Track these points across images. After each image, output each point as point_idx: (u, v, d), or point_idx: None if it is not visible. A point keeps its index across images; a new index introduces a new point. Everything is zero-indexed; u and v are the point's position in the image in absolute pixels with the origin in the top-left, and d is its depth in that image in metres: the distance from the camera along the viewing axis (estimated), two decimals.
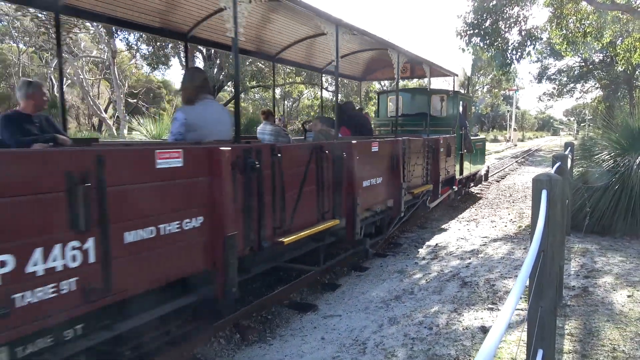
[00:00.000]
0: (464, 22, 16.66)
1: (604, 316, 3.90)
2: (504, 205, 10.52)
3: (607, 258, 5.56)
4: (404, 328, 4.07)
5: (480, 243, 6.97)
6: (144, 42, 22.18)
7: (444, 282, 5.25)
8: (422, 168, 7.75)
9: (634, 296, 4.31)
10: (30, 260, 2.29)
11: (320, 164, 4.83)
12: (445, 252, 6.65)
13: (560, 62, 36.52)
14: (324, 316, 4.62)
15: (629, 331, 3.60)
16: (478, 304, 4.43)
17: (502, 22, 16.02)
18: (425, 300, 4.74)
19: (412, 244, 7.37)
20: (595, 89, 38.64)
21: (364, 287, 5.44)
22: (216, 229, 3.37)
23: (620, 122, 7.61)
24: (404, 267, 6.09)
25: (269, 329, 4.40)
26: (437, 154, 8.17)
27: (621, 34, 18.20)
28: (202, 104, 4.15)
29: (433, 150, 8.04)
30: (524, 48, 17.23)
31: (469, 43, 16.95)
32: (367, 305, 4.78)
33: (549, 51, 32.07)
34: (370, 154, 5.83)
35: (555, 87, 40.82)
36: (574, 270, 5.15)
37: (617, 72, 30.19)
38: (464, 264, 5.87)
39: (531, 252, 1.81)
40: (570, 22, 16.50)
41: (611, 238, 6.46)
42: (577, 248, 6.04)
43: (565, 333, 3.60)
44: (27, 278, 2.28)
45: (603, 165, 7.02)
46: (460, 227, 8.37)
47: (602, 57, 32.03)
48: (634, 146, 6.97)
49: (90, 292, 2.55)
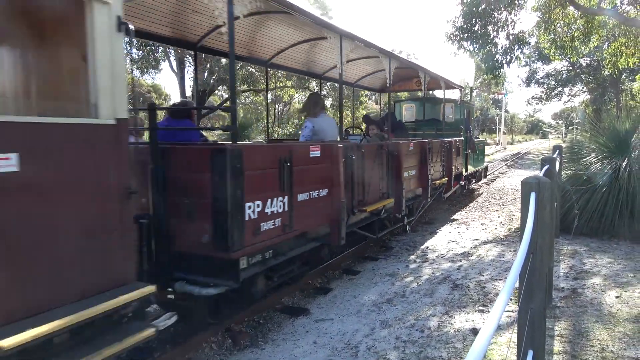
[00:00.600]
0: (454, 27, 16.79)
1: (593, 317, 3.94)
2: (494, 207, 10.61)
3: (596, 259, 5.62)
4: (395, 331, 4.08)
5: (470, 246, 7.02)
6: (134, 46, 22.02)
7: (435, 284, 5.28)
8: (440, 164, 9.31)
9: (622, 297, 4.37)
10: (266, 205, 4.04)
11: (381, 158, 6.62)
12: (436, 255, 6.69)
13: (549, 66, 36.99)
14: (316, 320, 4.62)
15: (617, 331, 3.64)
16: (469, 306, 4.46)
17: (491, 27, 16.17)
18: (416, 303, 4.76)
19: (403, 247, 7.40)
20: (583, 93, 39.16)
21: (355, 290, 5.45)
22: (334, 197, 5.11)
23: (608, 126, 7.71)
24: (396, 270, 6.11)
25: (261, 334, 4.39)
26: (450, 153, 9.76)
27: (608, 38, 18.46)
28: (322, 116, 5.96)
29: (447, 150, 9.62)
30: (512, 52, 17.40)
31: (459, 47, 17.09)
32: (359, 309, 4.79)
33: (537, 55, 32.43)
34: (409, 151, 7.53)
35: (543, 91, 41.32)
36: (564, 272, 5.20)
37: (604, 76, 30.65)
38: (455, 267, 5.91)
39: (520, 254, 1.83)
40: (558, 26, 16.71)
41: (599, 240, 6.54)
42: (567, 250, 6.11)
43: (555, 334, 3.64)
44: (265, 215, 4.02)
45: (591, 168, 7.11)
46: (451, 230, 8.41)
47: (590, 61, 32.49)
48: (620, 149, 7.07)
49: (285, 227, 4.31)
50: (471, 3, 15.58)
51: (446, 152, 9.54)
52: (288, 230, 4.37)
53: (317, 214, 4.90)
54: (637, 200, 6.41)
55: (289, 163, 4.30)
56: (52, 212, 2.53)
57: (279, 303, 5.05)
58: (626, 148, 7.06)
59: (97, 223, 2.75)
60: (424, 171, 8.15)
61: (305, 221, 4.69)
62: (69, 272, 2.60)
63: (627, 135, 7.22)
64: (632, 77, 28.29)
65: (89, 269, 2.70)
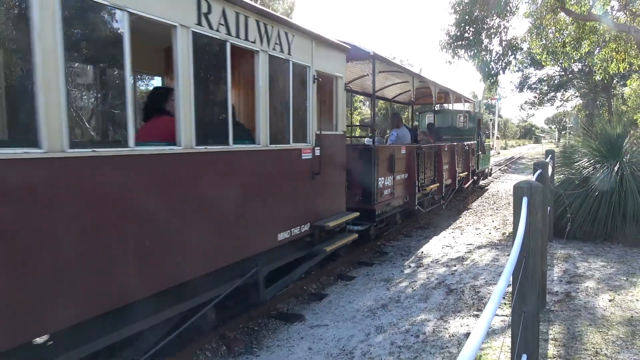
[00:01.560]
0: (447, 35, 16.90)
1: (586, 320, 3.96)
2: (487, 212, 10.64)
3: (589, 263, 5.65)
4: (390, 336, 4.08)
5: (465, 250, 7.04)
6: None
7: (430, 289, 5.28)
8: (462, 162, 12.13)
9: (615, 300, 4.39)
10: (385, 180, 7.46)
11: (431, 156, 9.69)
12: (431, 260, 6.70)
13: (541, 71, 37.22)
14: (310, 326, 4.61)
15: (610, 335, 3.66)
16: (464, 311, 4.46)
17: (484, 33, 16.29)
18: (411, 308, 4.76)
19: (398, 252, 7.40)
20: (575, 98, 39.45)
21: (350, 296, 5.44)
22: (411, 180, 8.44)
23: (600, 130, 7.77)
24: (390, 275, 6.11)
25: (255, 340, 4.37)
26: (468, 154, 12.83)
27: (598, 44, 18.63)
28: (402, 128, 9.75)
29: (466, 152, 12.61)
30: (505, 58, 17.55)
31: (454, 56, 17.20)
32: (354, 315, 4.78)
33: (530, 61, 32.64)
34: (444, 152, 10.38)
35: (536, 96, 41.56)
36: (557, 276, 5.22)
37: (595, 81, 30.89)
38: (449, 272, 5.91)
39: (512, 258, 1.84)
40: (549, 32, 16.87)
41: (592, 243, 6.58)
42: (560, 254, 6.13)
43: (549, 338, 3.65)
44: (384, 186, 7.45)
45: (583, 172, 7.16)
46: (445, 235, 8.43)
47: (581, 67, 32.75)
48: (612, 153, 7.12)
49: (391, 194, 7.64)
50: (464, 11, 15.70)
51: (465, 153, 12.50)
52: (391, 196, 7.77)
53: (403, 188, 8.30)
54: (629, 204, 6.45)
55: (393, 156, 7.63)
56: (332, 171, 5.71)
57: (274, 309, 5.03)
58: (618, 152, 7.11)
59: (339, 181, 6.01)
60: (452, 166, 11.07)
61: (398, 192, 8.05)
62: (338, 200, 6.02)
63: (619, 139, 7.29)
64: (623, 82, 28.59)
65: (339, 201, 6.04)
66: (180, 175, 3.42)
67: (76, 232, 2.69)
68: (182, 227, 3.43)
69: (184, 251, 3.47)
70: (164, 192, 3.30)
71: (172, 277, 3.37)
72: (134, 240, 3.04)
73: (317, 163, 5.27)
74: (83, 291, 2.72)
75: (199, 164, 3.60)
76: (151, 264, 3.18)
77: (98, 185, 2.81)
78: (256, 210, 4.32)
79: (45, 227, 2.53)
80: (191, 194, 3.52)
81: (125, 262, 2.98)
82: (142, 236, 3.08)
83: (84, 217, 2.72)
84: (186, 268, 3.49)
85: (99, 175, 2.81)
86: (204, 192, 3.65)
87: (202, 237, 3.65)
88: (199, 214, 3.59)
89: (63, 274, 2.62)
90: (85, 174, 2.73)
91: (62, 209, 2.61)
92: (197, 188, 3.58)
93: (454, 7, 16.27)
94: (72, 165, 2.64)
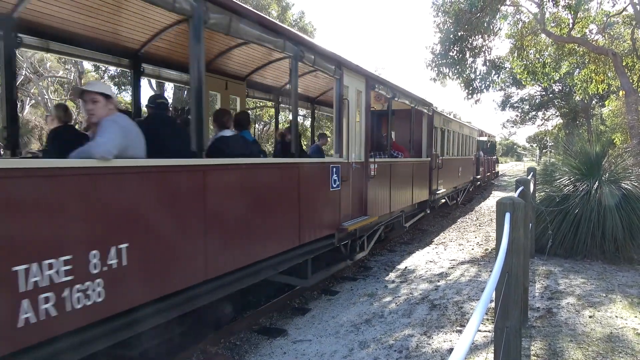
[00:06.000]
0: (432, 53, 17.23)
1: (567, 336, 3.99)
2: (470, 228, 10.74)
3: (570, 280, 5.72)
4: (374, 352, 4.05)
5: (448, 266, 7.07)
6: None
7: (413, 305, 5.28)
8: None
9: (595, 316, 4.44)
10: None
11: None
12: (415, 276, 6.71)
13: (523, 90, 38.11)
14: (293, 341, 4.56)
15: (591, 351, 3.69)
16: (447, 327, 4.46)
17: (468, 52, 16.65)
18: (395, 323, 4.75)
19: (382, 267, 7.40)
20: (556, 117, 40.36)
21: (334, 311, 5.40)
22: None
23: (579, 149, 7.92)
24: (374, 290, 6.10)
25: (237, 355, 4.30)
26: (492, 163, 22.52)
27: (578, 65, 19.18)
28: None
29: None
30: (490, 77, 17.97)
31: (438, 74, 17.53)
32: (337, 330, 4.75)
33: (512, 80, 33.42)
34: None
35: (518, 115, 42.44)
36: (539, 292, 5.27)
37: (575, 101, 31.66)
38: (432, 287, 5.93)
39: (494, 273, 1.85)
40: (530, 53, 17.30)
41: (573, 260, 6.66)
42: (541, 270, 6.20)
43: (531, 353, 3.66)
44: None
45: (564, 190, 7.28)
46: (429, 250, 8.47)
47: (561, 87, 33.59)
48: (591, 172, 7.27)
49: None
50: (448, 30, 16.03)
51: (492, 163, 22.00)
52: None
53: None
54: (607, 222, 6.56)
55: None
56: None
57: (256, 324, 4.97)
58: (597, 170, 7.26)
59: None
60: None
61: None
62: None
63: (598, 158, 7.44)
64: (602, 103, 29.33)
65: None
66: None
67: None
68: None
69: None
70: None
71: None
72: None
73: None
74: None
75: None
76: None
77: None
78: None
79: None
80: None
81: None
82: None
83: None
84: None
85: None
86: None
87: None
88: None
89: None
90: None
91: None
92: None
93: (438, 27, 16.60)
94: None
